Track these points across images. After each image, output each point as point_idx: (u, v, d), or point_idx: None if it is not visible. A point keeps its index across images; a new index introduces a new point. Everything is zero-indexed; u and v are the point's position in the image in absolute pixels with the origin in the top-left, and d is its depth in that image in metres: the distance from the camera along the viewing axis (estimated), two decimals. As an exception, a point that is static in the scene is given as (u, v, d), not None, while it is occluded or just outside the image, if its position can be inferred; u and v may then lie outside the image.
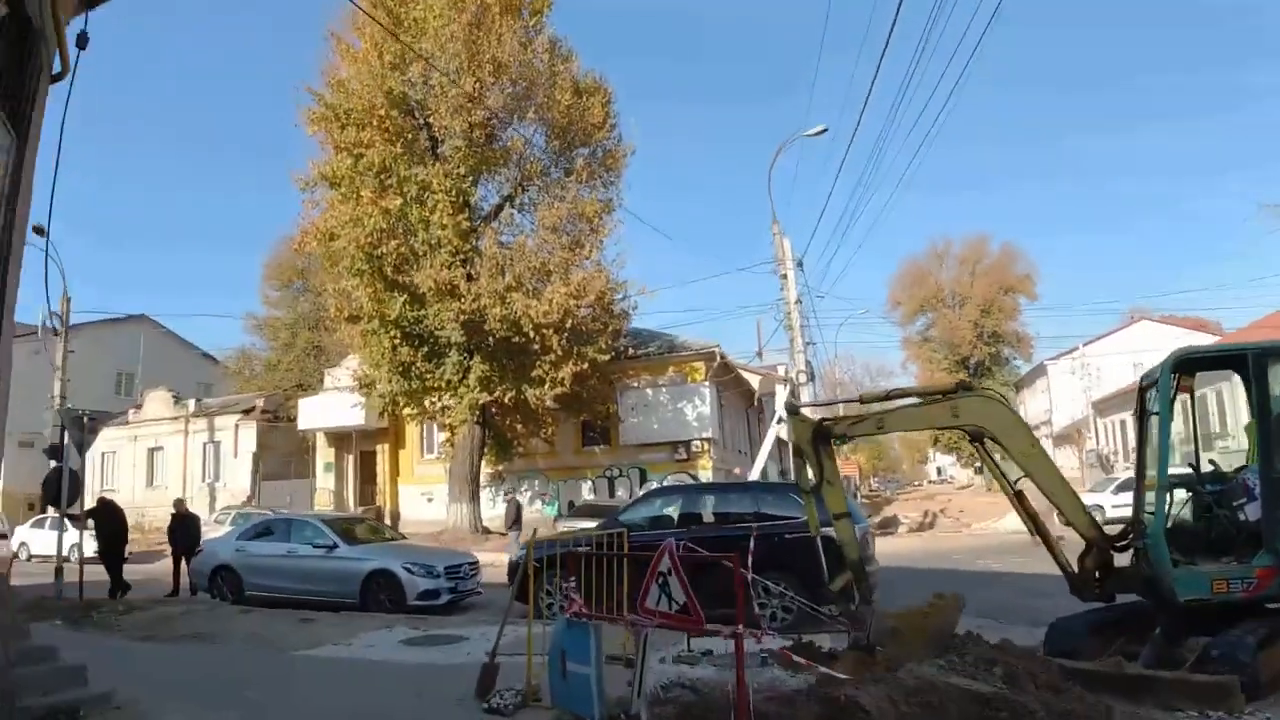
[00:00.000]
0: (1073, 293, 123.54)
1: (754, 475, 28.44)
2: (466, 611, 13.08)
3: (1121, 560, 7.47)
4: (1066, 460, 61.57)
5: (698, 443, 28.96)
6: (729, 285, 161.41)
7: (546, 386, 23.41)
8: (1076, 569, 7.35)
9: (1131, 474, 31.31)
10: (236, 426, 37.17)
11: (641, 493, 17.45)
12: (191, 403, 39.03)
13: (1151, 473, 7.58)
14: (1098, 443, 55.15)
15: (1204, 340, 54.82)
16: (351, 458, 34.18)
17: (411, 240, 23.33)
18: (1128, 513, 26.12)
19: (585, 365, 23.69)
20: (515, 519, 22.20)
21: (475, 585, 13.57)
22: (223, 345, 54.46)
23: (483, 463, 26.96)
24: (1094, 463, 49.56)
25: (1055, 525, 7.70)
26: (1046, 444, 65.34)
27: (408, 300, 23.19)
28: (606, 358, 24.82)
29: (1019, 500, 7.60)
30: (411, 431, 33.12)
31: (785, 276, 26.06)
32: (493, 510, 29.90)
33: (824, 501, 7.48)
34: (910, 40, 36.70)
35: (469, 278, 23.08)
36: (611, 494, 29.63)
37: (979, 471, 72.15)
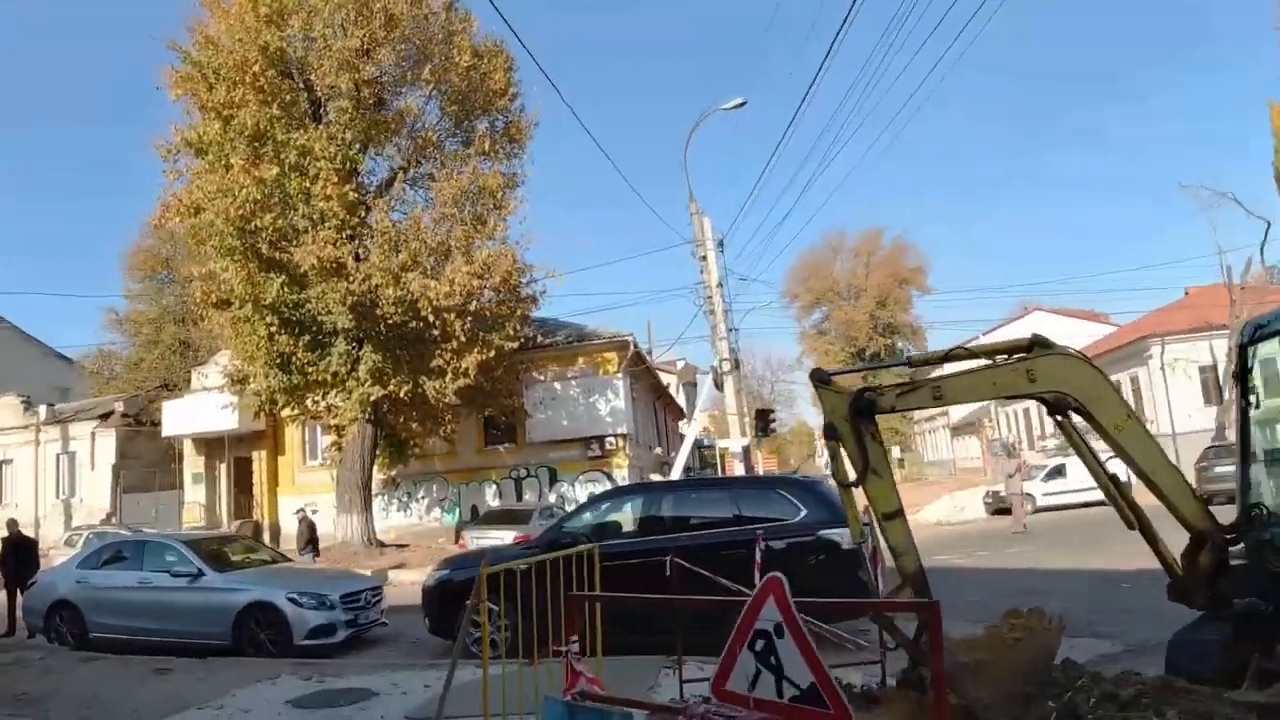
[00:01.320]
0: (962, 283, 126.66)
1: (675, 475, 26.53)
2: (370, 649, 10.78)
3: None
4: (969, 451, 62.08)
5: (612, 439, 26.85)
6: (647, 273, 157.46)
7: (448, 378, 20.88)
8: (1182, 568, 5.62)
9: (1048, 461, 30.33)
10: (93, 434, 33.13)
11: (594, 494, 15.33)
12: (43, 409, 34.70)
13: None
14: (1000, 432, 55.39)
15: (1101, 330, 55.97)
16: (224, 466, 30.69)
17: (291, 215, 20.50)
18: (1061, 500, 24.98)
19: (491, 354, 21.26)
20: (309, 540, 19.74)
21: (379, 615, 11.16)
22: (82, 345, 49.42)
23: (375, 467, 24.19)
24: (999, 452, 49.51)
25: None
26: (944, 436, 66.27)
27: (286, 282, 20.30)
28: (514, 345, 22.42)
29: (1116, 487, 5.76)
30: (292, 434, 29.91)
31: (705, 258, 24.24)
32: (386, 520, 27.13)
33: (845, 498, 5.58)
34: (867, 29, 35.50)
35: (357, 256, 20.39)
36: (519, 497, 27.26)
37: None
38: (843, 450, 5.49)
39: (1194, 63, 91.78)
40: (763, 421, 25.69)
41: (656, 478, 27.56)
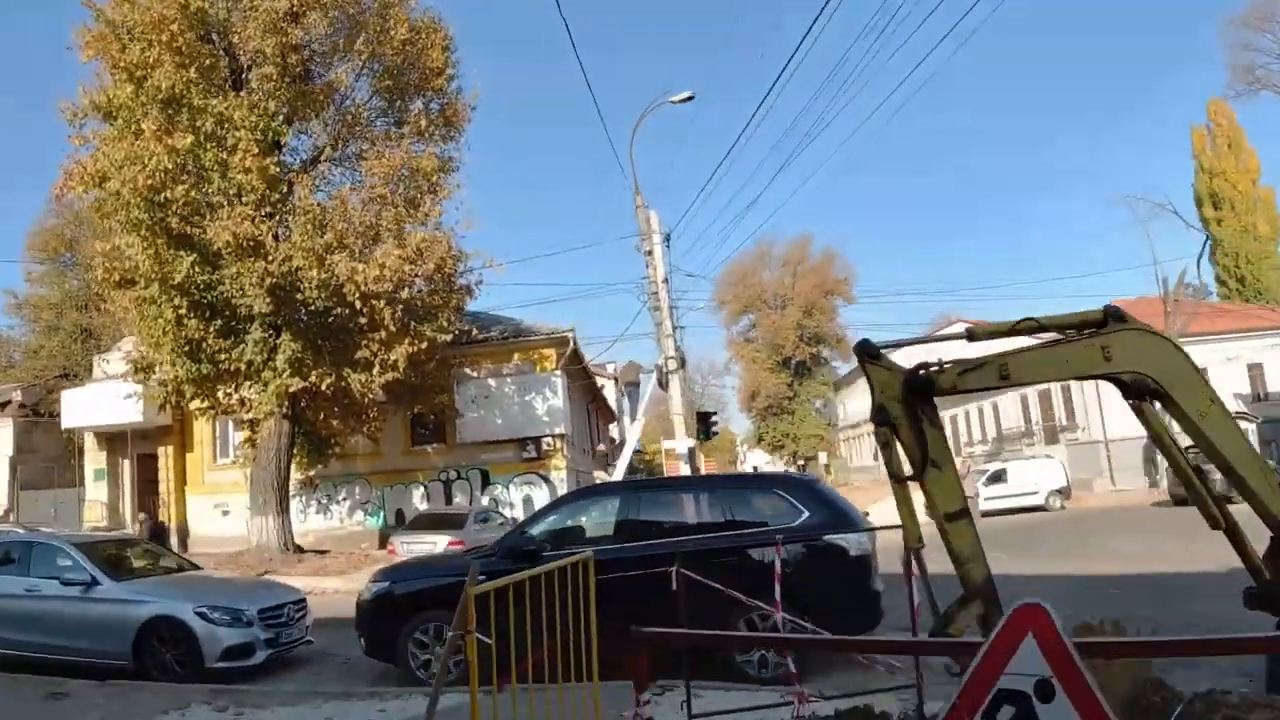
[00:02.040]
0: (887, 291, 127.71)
1: (617, 477, 25.37)
2: (296, 671, 9.42)
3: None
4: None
5: (549, 440, 25.54)
6: (584, 268, 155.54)
7: (375, 371, 19.40)
8: (1269, 572, 4.77)
9: (987, 466, 30.11)
10: (-14, 425, 30.63)
11: (563, 494, 14.21)
12: (-71, 398, 32.02)
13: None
14: None
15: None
16: (128, 462, 28.48)
17: (206, 189, 18.85)
18: (1001, 504, 24.76)
19: (422, 347, 19.85)
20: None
21: (303, 632, 9.78)
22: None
23: (292, 466, 22.48)
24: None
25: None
26: (868, 442, 66.41)
27: (197, 261, 18.60)
28: (448, 337, 21.01)
29: (1202, 482, 4.83)
30: (202, 429, 27.80)
31: (650, 252, 23.23)
32: (304, 524, 25.40)
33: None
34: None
35: (277, 236, 18.81)
36: (449, 500, 25.81)
37: (802, 468, 72.86)
38: (897, 440, 4.53)
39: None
40: (704, 424, 24.78)
41: (603, 477, 26.30)
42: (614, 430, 48.87)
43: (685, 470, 22.72)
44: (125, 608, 8.93)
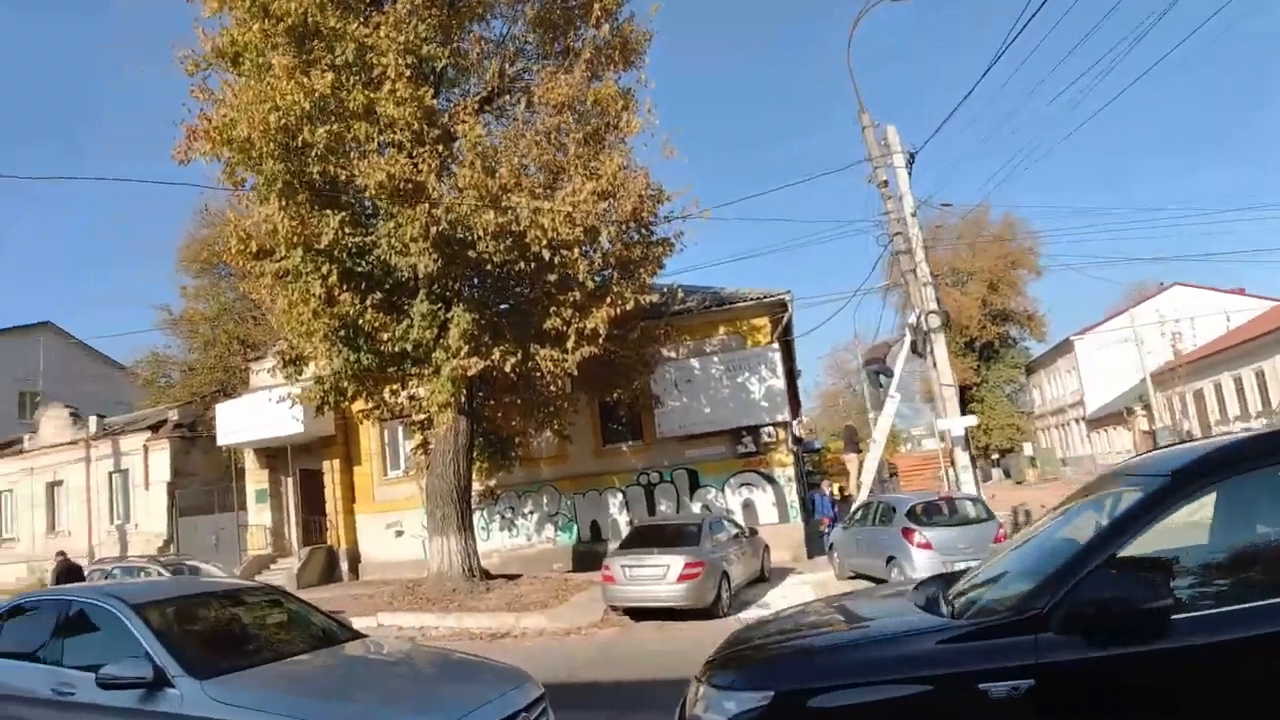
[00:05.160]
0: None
1: (867, 480, 20.43)
2: None
3: None
4: (1112, 445, 54.11)
5: (769, 430, 20.77)
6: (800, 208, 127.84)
7: (570, 344, 15.21)
8: None
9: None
10: (145, 448, 28.48)
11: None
12: (92, 421, 30.27)
13: None
14: (1161, 419, 47.19)
15: (1247, 305, 47.92)
16: (290, 480, 25.55)
17: (351, 133, 15.15)
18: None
19: (627, 307, 15.52)
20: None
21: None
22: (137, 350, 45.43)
23: (473, 473, 18.61)
24: (1169, 442, 41.94)
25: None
26: (1077, 430, 57.95)
27: (346, 219, 14.96)
28: (653, 298, 16.65)
29: None
30: (369, 439, 24.56)
31: (886, 183, 18.31)
32: (486, 541, 21.58)
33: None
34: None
35: (440, 177, 14.88)
36: (651, 508, 21.43)
37: (995, 462, 65.29)
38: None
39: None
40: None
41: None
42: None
43: (964, 462, 17.51)
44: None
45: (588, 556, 21.10)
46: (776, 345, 21.07)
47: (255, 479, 25.87)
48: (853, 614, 5.13)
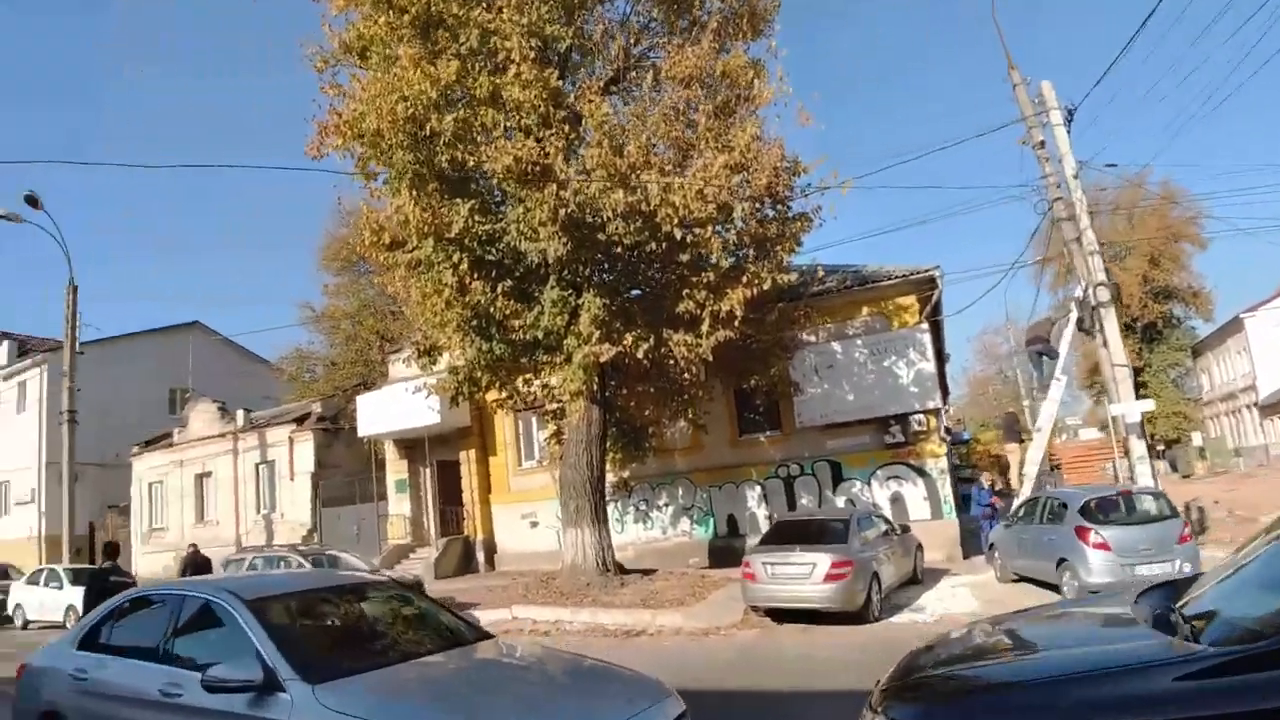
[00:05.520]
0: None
1: (1031, 475, 18.93)
2: None
3: None
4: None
5: (919, 418, 19.44)
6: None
7: (704, 328, 14.47)
8: None
9: None
10: (290, 440, 29.40)
11: None
12: (240, 415, 31.51)
13: None
14: None
15: None
16: (428, 471, 25.80)
17: (477, 120, 14.84)
18: None
19: (764, 288, 14.67)
20: None
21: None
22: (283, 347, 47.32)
23: (606, 464, 18.16)
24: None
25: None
26: (1249, 418, 53.03)
27: (476, 207, 14.68)
28: (791, 277, 15.74)
29: None
30: (503, 429, 24.56)
31: (1041, 144, 16.84)
32: (620, 534, 21.12)
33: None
34: None
35: (567, 159, 14.38)
36: (791, 503, 20.51)
37: (1160, 453, 60.41)
38: None
39: None
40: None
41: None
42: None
43: (1140, 451, 15.89)
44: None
45: (725, 552, 20.35)
46: (925, 325, 19.72)
47: (395, 470, 26.30)
48: (1053, 636, 4.29)
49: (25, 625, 20.40)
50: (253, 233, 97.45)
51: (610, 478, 19.24)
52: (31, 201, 22.73)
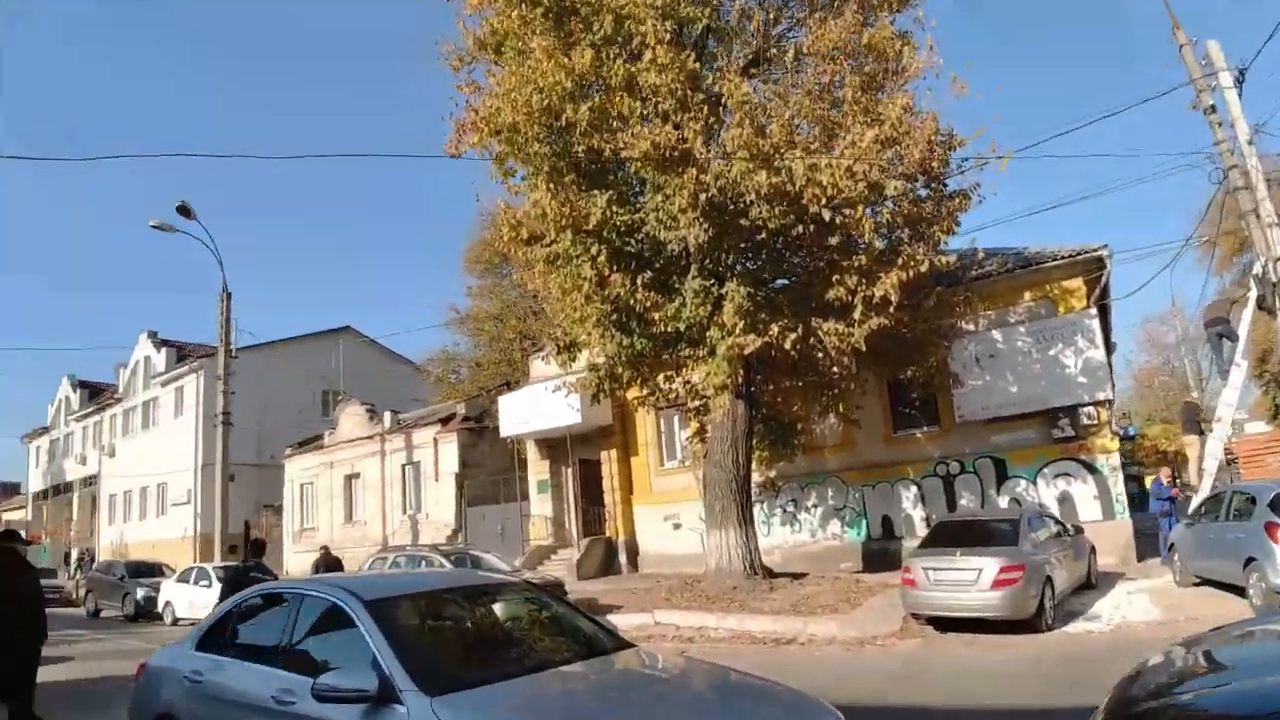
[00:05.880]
0: None
1: (1211, 469, 17.05)
2: None
3: None
4: None
5: (1089, 411, 17.82)
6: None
7: (856, 315, 13.57)
8: None
9: None
10: (435, 441, 29.88)
11: None
12: (387, 416, 32.29)
13: None
14: None
15: None
16: (570, 471, 25.66)
17: (615, 111, 14.39)
18: None
19: (922, 269, 13.63)
20: None
21: None
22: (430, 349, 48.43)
23: (752, 463, 17.42)
24: None
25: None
26: None
27: (613, 197, 14.26)
28: (951, 258, 14.63)
29: None
30: (645, 428, 24.13)
31: (1211, 109, 15.14)
32: (767, 536, 20.32)
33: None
34: None
35: (707, 143, 13.75)
36: (951, 503, 19.21)
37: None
38: None
39: None
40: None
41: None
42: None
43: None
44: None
45: (879, 555, 19.26)
46: (1094, 310, 18.11)
47: (536, 470, 26.29)
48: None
49: (175, 622, 21.02)
50: (401, 238, 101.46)
51: (756, 477, 18.47)
52: (184, 211, 23.52)
